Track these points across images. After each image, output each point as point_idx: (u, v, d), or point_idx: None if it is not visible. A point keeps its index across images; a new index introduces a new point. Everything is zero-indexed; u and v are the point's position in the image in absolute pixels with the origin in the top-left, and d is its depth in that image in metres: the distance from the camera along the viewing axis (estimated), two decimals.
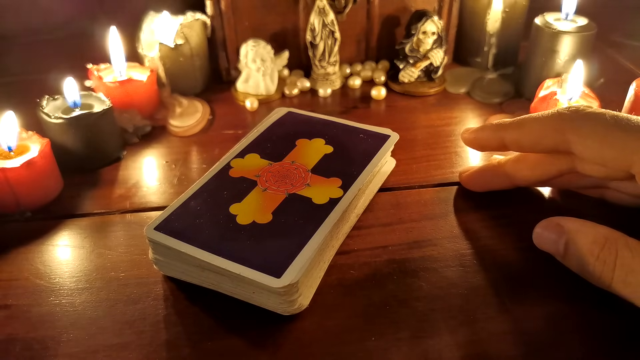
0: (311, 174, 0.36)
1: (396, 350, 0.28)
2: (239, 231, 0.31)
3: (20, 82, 0.57)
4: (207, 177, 0.36)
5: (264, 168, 0.36)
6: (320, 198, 0.33)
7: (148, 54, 0.52)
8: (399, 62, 0.54)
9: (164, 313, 0.31)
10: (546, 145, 0.32)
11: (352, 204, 0.34)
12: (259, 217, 0.32)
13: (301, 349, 0.28)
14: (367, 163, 0.37)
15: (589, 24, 0.50)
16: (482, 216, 0.37)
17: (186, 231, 0.31)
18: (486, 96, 0.53)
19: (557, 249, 0.30)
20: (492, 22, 0.54)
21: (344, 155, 0.38)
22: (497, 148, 0.35)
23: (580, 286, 0.31)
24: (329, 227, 0.31)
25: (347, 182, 0.35)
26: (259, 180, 0.35)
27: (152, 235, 0.31)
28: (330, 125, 0.41)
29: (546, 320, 0.29)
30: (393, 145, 0.39)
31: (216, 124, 0.50)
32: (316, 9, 0.51)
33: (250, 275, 0.28)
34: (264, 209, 0.33)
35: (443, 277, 0.32)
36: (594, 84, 0.51)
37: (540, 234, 0.31)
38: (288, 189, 0.34)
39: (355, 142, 0.39)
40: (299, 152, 0.38)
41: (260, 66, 0.52)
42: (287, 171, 0.36)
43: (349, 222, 0.36)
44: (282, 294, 0.28)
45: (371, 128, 0.41)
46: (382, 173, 0.40)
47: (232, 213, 0.32)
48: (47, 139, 0.41)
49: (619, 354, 0.27)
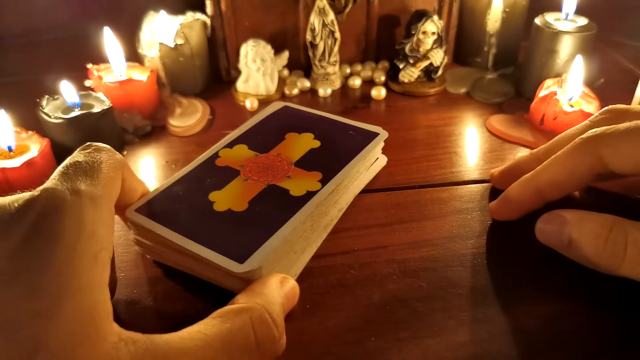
0: (294, 166, 0.36)
1: (396, 350, 0.28)
2: (213, 217, 0.32)
3: (20, 82, 0.57)
4: (194, 165, 0.37)
5: (249, 159, 0.37)
6: (298, 190, 0.34)
7: (148, 54, 0.52)
8: (399, 62, 0.54)
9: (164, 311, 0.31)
10: (582, 173, 0.31)
11: (329, 198, 0.35)
12: (235, 205, 0.33)
13: (301, 349, 0.28)
14: (351, 159, 0.37)
15: (589, 24, 0.50)
16: (482, 216, 0.37)
17: (164, 214, 0.32)
18: (486, 96, 0.53)
19: (561, 240, 0.30)
20: (492, 22, 0.54)
21: (330, 151, 0.38)
22: (535, 202, 0.34)
23: (580, 286, 0.31)
24: (300, 219, 0.32)
25: (327, 177, 0.35)
26: (243, 170, 0.36)
27: (132, 216, 0.32)
28: (322, 120, 0.42)
29: (546, 320, 0.29)
30: (382, 142, 0.40)
31: (216, 124, 0.50)
32: (316, 9, 0.51)
33: (215, 259, 0.29)
34: (241, 198, 0.34)
35: (443, 277, 0.32)
36: (594, 84, 0.51)
37: (543, 229, 0.31)
38: (269, 180, 0.35)
39: (343, 138, 0.40)
40: (287, 145, 0.39)
41: (260, 66, 0.52)
42: (271, 163, 0.37)
43: (329, 216, 0.36)
44: (245, 280, 0.29)
45: (362, 125, 0.41)
46: (370, 170, 0.41)
47: (210, 200, 0.33)
48: (47, 139, 0.41)
49: (619, 354, 0.27)
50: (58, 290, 0.20)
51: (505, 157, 0.44)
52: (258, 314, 0.26)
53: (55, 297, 0.20)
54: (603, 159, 0.30)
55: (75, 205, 0.23)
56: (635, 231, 0.28)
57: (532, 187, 0.33)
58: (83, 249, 0.22)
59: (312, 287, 0.32)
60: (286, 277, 0.30)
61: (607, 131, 0.30)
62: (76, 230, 0.22)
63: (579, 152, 0.31)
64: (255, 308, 0.26)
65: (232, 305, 0.26)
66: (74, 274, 0.21)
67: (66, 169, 0.25)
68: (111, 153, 0.28)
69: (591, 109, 0.44)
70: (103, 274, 0.23)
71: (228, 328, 0.25)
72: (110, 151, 0.28)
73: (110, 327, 0.22)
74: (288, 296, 0.29)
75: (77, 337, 0.20)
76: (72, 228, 0.22)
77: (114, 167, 0.27)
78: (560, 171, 0.32)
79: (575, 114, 0.44)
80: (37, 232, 0.21)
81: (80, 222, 0.22)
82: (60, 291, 0.20)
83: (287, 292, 0.29)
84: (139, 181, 0.32)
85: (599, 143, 0.30)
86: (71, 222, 0.22)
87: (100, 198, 0.24)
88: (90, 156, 0.26)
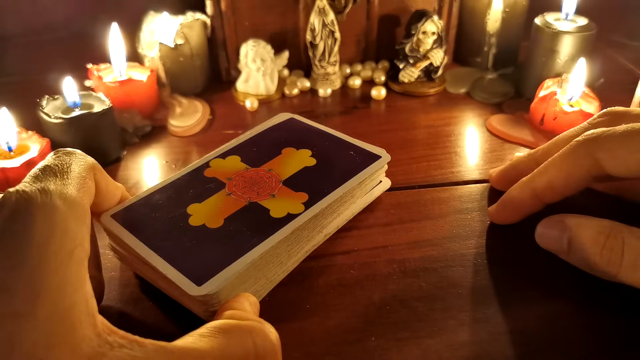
0: (282, 185, 0.34)
1: (396, 350, 0.28)
2: (185, 232, 0.31)
3: (20, 82, 0.57)
4: (182, 173, 0.36)
5: (238, 172, 0.36)
6: (279, 211, 0.32)
7: (148, 54, 0.52)
8: (399, 62, 0.54)
9: None
10: (579, 175, 0.31)
11: (313, 223, 0.32)
12: (210, 222, 0.31)
13: (301, 349, 0.28)
14: (344, 182, 0.34)
15: (589, 24, 0.50)
16: (482, 216, 0.37)
17: (137, 223, 0.31)
18: (486, 96, 0.53)
19: (561, 245, 0.30)
20: (492, 22, 0.54)
21: (324, 171, 0.36)
22: (533, 205, 0.34)
23: (580, 286, 0.31)
24: (272, 243, 0.29)
25: (313, 199, 0.33)
26: (229, 183, 0.34)
27: (105, 221, 0.31)
28: (325, 136, 0.40)
29: (546, 320, 0.29)
30: (383, 166, 0.37)
31: (216, 124, 0.50)
32: (316, 9, 0.51)
33: (174, 277, 0.28)
34: (219, 214, 0.32)
35: (443, 277, 0.32)
36: (594, 84, 0.51)
37: (543, 233, 0.32)
38: (252, 196, 0.33)
39: (342, 157, 0.37)
40: (281, 161, 0.37)
41: (260, 66, 0.52)
42: (259, 178, 0.35)
43: (313, 241, 0.34)
44: (202, 302, 0.27)
45: (365, 146, 0.38)
46: (371, 194, 0.38)
47: (188, 212, 0.32)
48: (47, 139, 0.41)
49: (618, 354, 0.27)
50: (32, 290, 0.20)
51: (505, 157, 0.44)
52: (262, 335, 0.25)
53: (29, 297, 0.20)
54: (599, 162, 0.30)
55: (45, 204, 0.22)
56: (632, 238, 0.28)
57: (530, 191, 0.33)
58: (56, 246, 0.21)
59: (312, 287, 0.32)
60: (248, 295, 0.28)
61: (604, 134, 0.30)
62: (47, 228, 0.22)
63: (576, 154, 0.31)
64: (258, 327, 0.25)
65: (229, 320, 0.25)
66: (47, 273, 0.20)
67: (36, 173, 0.25)
68: (81, 156, 0.28)
69: (591, 109, 0.44)
70: (80, 271, 0.22)
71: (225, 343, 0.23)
72: (80, 154, 0.28)
73: (90, 329, 0.21)
74: None
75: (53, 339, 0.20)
76: (43, 226, 0.21)
77: (84, 168, 0.27)
78: (557, 174, 0.32)
79: (575, 114, 0.44)
80: (8, 232, 0.21)
81: (51, 220, 0.22)
82: (34, 291, 0.20)
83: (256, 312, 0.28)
84: (116, 185, 0.32)
85: (596, 146, 0.30)
86: (42, 220, 0.22)
87: (71, 196, 0.24)
88: (60, 159, 0.26)
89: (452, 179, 0.41)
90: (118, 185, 0.32)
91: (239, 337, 0.24)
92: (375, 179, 0.38)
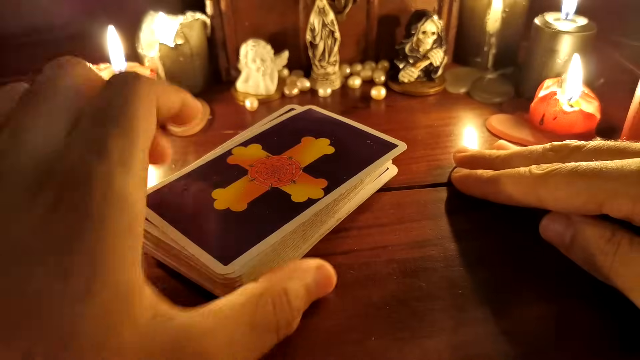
0: (302, 172, 0.36)
1: (396, 350, 0.28)
2: (210, 215, 0.32)
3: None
4: (205, 160, 0.37)
5: (260, 159, 0.37)
6: (300, 196, 0.33)
7: (148, 54, 0.52)
8: (398, 62, 0.54)
9: None
10: (518, 202, 0.33)
11: (329, 207, 0.34)
12: (235, 205, 0.33)
13: (301, 348, 0.28)
14: (361, 170, 0.36)
15: (589, 24, 0.50)
16: (482, 216, 0.37)
17: (164, 207, 0.32)
18: (486, 96, 0.53)
19: (563, 240, 0.31)
20: (492, 22, 0.54)
21: (342, 159, 0.37)
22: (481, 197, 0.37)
23: (580, 286, 0.31)
24: (294, 226, 0.31)
25: (332, 185, 0.34)
26: (251, 170, 0.36)
27: None
28: (342, 126, 0.41)
29: (546, 320, 0.29)
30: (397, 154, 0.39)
31: (216, 124, 0.50)
32: (316, 9, 0.51)
33: (201, 257, 0.29)
34: (242, 198, 0.33)
35: (443, 277, 0.32)
36: (594, 84, 0.51)
37: (547, 226, 0.32)
38: (274, 182, 0.35)
39: (359, 147, 0.39)
40: (301, 149, 0.38)
41: (260, 66, 0.52)
42: (280, 165, 0.36)
43: (326, 225, 0.35)
44: (224, 285, 0.29)
45: (382, 136, 0.40)
46: (378, 181, 0.39)
47: (212, 197, 0.33)
48: None
49: (618, 354, 0.27)
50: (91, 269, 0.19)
51: None
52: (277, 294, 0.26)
53: (88, 277, 0.19)
54: (542, 201, 0.31)
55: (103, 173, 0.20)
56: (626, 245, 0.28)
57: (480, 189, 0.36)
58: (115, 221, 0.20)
59: None
60: (324, 264, 0.30)
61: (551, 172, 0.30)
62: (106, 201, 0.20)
63: (523, 188, 0.32)
64: (274, 288, 0.26)
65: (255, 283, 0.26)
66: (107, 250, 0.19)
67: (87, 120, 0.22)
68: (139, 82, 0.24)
69: (591, 109, 0.44)
70: (137, 245, 0.21)
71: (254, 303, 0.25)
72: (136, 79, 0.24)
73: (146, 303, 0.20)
74: (319, 282, 0.29)
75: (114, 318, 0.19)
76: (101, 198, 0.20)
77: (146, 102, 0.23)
78: (507, 200, 0.34)
79: (575, 114, 0.44)
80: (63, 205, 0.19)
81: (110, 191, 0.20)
82: (94, 270, 0.19)
83: (318, 279, 0.29)
84: (173, 90, 0.26)
85: (540, 184, 0.31)
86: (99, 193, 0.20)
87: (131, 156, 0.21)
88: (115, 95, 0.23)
89: None
90: (174, 89, 0.27)
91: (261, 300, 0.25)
92: (385, 165, 0.40)
